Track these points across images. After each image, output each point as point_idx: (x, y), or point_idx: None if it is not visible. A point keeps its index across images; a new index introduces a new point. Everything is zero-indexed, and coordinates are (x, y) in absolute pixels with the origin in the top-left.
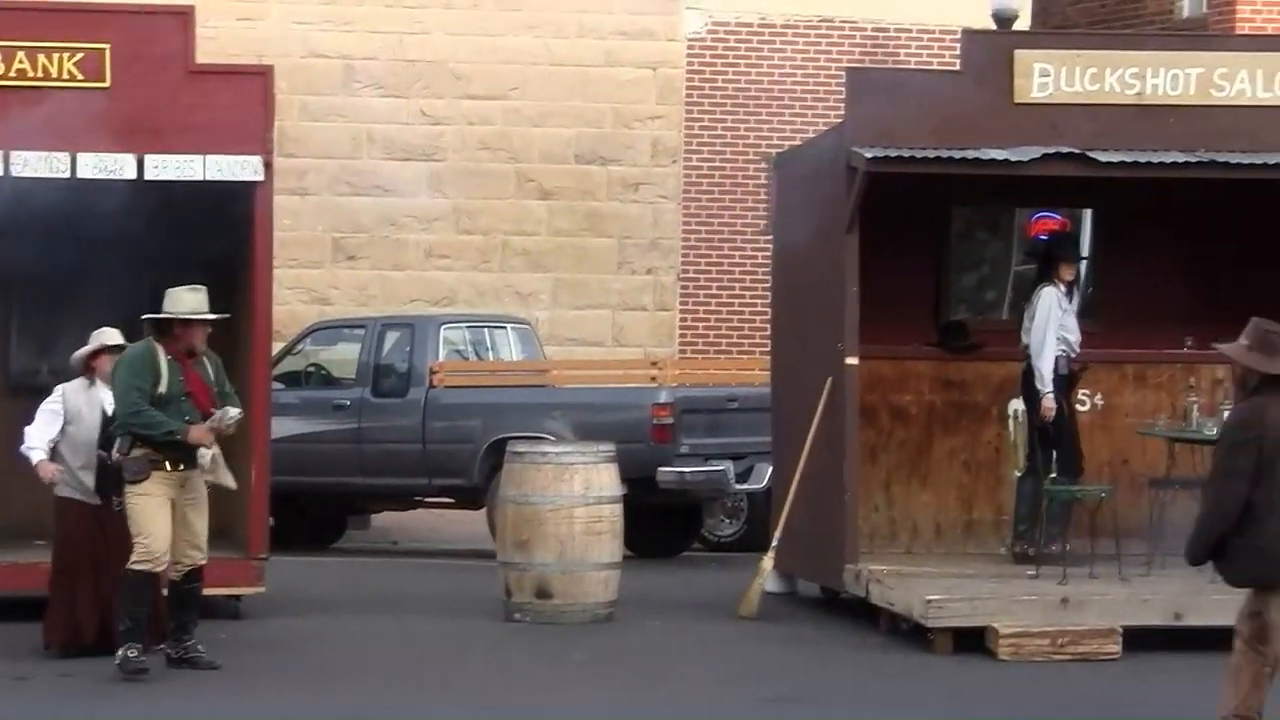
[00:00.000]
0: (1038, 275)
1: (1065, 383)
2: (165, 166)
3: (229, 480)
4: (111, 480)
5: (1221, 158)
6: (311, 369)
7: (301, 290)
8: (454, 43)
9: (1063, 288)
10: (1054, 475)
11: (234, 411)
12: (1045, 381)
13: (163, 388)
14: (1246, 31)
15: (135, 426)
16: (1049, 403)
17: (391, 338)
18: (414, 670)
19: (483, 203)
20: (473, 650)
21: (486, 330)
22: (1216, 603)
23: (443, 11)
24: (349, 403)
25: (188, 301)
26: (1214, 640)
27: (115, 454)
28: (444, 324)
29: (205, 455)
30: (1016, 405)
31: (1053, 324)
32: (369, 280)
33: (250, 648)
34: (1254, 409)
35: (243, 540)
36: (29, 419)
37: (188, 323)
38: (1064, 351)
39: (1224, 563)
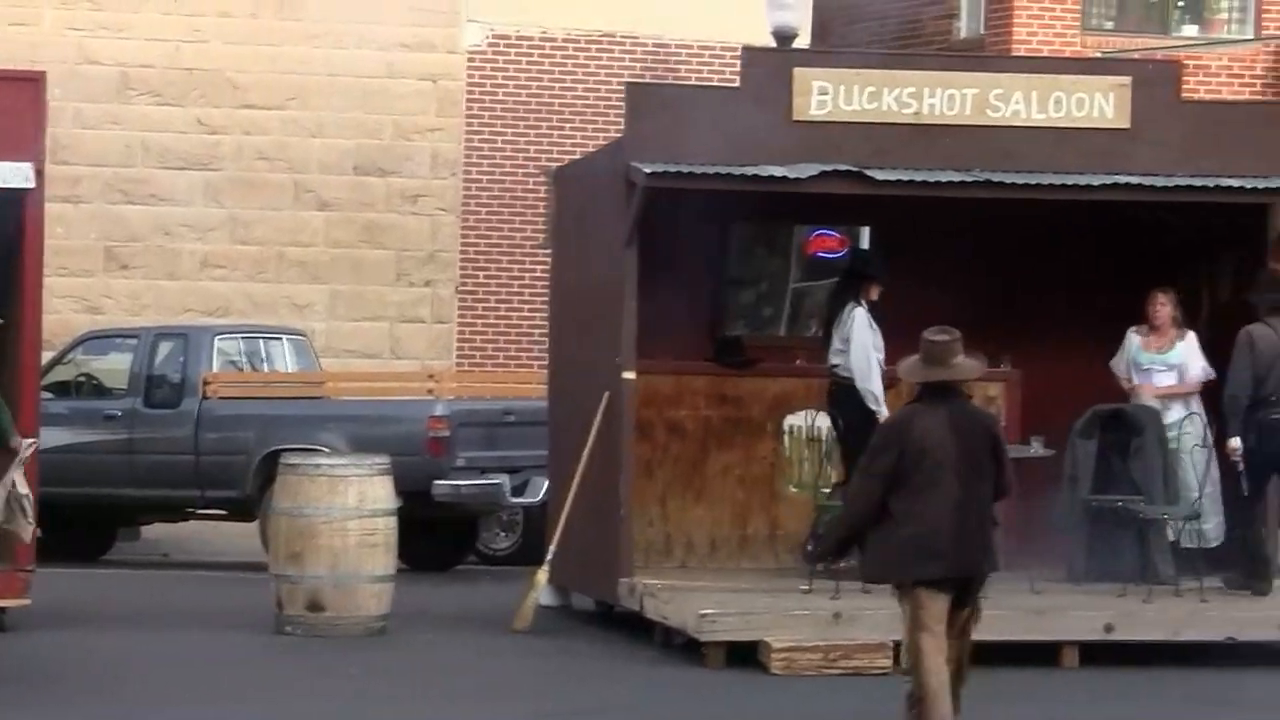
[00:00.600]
0: (840, 293)
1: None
2: None
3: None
4: None
5: (996, 177)
6: (82, 379)
7: (73, 299)
8: (232, 52)
9: (865, 306)
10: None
11: (29, 441)
12: (879, 402)
13: None
14: (1022, 53)
15: None
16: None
17: (164, 348)
18: (183, 684)
19: (259, 213)
20: (243, 663)
21: (261, 341)
22: (985, 617)
23: (220, 20)
24: (120, 413)
25: None
26: (985, 654)
27: None
28: (218, 335)
29: None
30: (792, 421)
31: (870, 346)
32: (142, 290)
33: (15, 661)
34: (901, 417)
35: (8, 552)
36: None
37: None
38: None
39: (861, 558)
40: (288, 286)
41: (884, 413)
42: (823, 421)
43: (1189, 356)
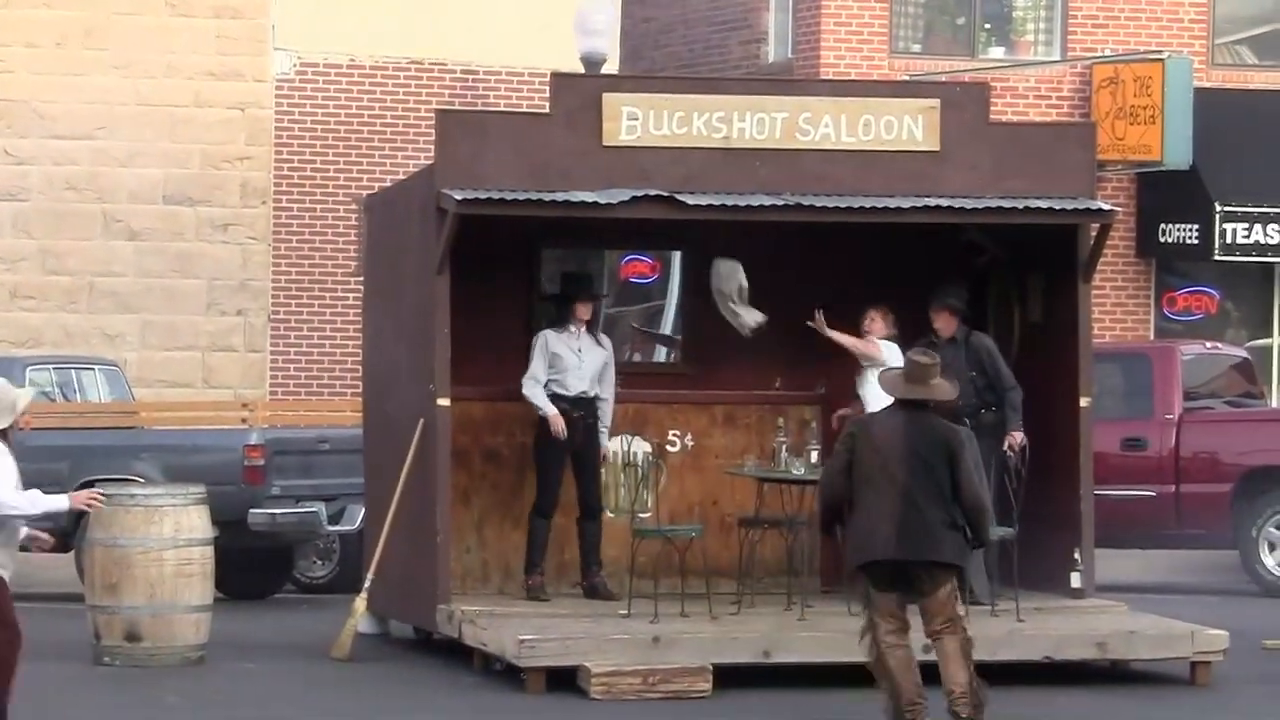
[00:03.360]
0: (555, 316)
1: (572, 423)
2: None
3: None
4: None
5: (807, 200)
6: None
7: None
8: (38, 81)
9: (574, 328)
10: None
11: None
12: (539, 403)
13: None
14: (830, 77)
15: None
16: (554, 421)
17: None
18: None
19: (69, 243)
20: (62, 695)
21: (74, 371)
22: (805, 639)
23: (26, 50)
24: None
25: None
26: (802, 678)
27: None
28: (29, 365)
29: None
30: (608, 446)
31: (538, 367)
32: None
33: None
34: (866, 418)
35: None
36: None
37: None
38: (555, 390)
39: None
40: (99, 317)
41: (550, 410)
42: (639, 446)
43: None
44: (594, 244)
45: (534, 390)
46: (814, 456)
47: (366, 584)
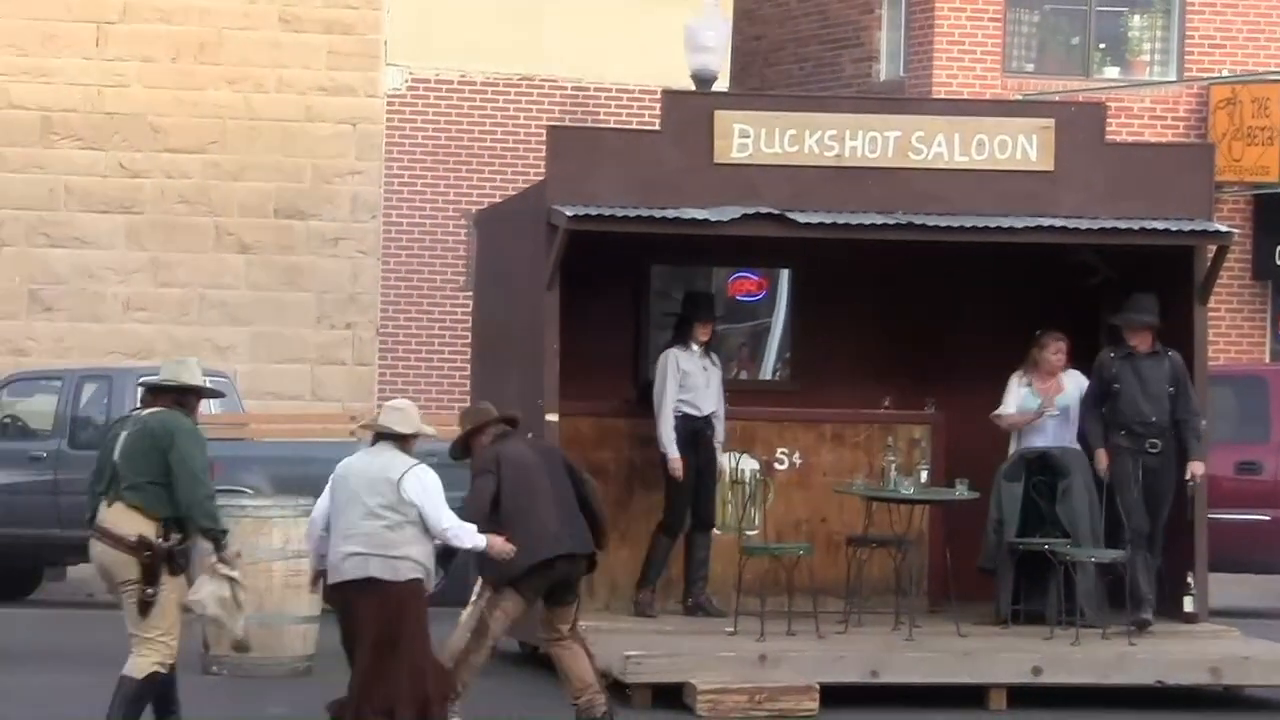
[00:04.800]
0: (673, 336)
1: (692, 440)
2: None
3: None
4: (161, 564)
5: (918, 219)
6: (7, 420)
7: None
8: (153, 95)
9: (696, 348)
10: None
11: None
12: (664, 443)
13: None
14: (943, 95)
15: (211, 514)
16: (674, 468)
17: (89, 389)
18: None
19: (181, 256)
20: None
21: None
22: (912, 660)
23: (141, 65)
24: (45, 454)
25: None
26: (910, 697)
27: (171, 537)
28: (142, 376)
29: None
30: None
31: (666, 391)
32: (66, 332)
33: None
34: (492, 453)
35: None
36: None
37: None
38: (686, 411)
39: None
40: (209, 329)
41: (672, 455)
42: (746, 464)
43: (1076, 397)
44: (703, 261)
45: (666, 428)
46: (923, 476)
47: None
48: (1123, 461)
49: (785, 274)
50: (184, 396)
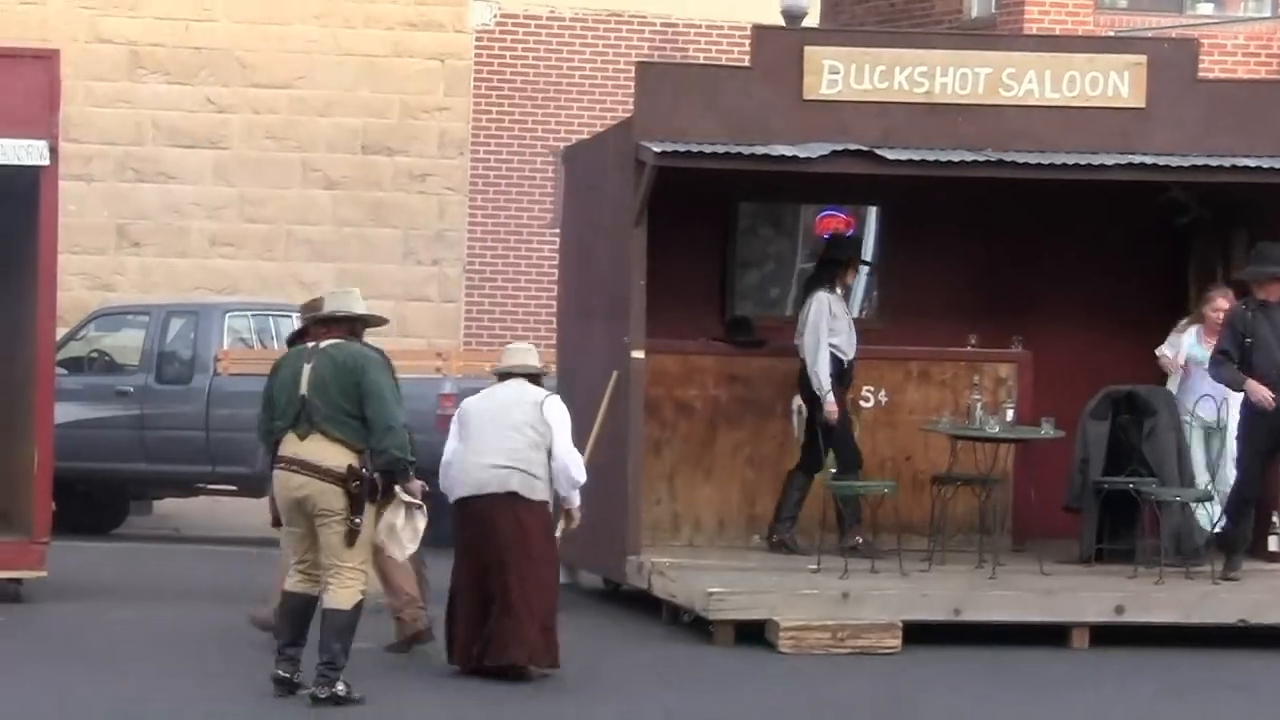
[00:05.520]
0: (814, 279)
1: (837, 383)
2: None
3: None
4: (366, 494)
5: (1008, 157)
6: (95, 355)
7: (85, 276)
8: (240, 31)
9: (840, 291)
10: (834, 472)
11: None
12: (822, 386)
13: None
14: (1034, 32)
15: (403, 444)
16: (831, 406)
17: (176, 325)
18: (194, 658)
19: (268, 191)
20: (253, 639)
21: (271, 319)
22: (996, 598)
23: (228, 0)
24: (132, 389)
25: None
26: (993, 635)
27: (368, 465)
28: (229, 312)
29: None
30: (801, 402)
31: (824, 331)
32: (153, 267)
33: (31, 631)
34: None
35: (25, 524)
36: None
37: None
38: (834, 354)
39: None
40: (296, 265)
41: (829, 398)
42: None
43: None
44: (791, 198)
45: (824, 370)
46: (1009, 414)
47: (557, 533)
48: (1255, 428)
49: (873, 211)
50: (355, 326)
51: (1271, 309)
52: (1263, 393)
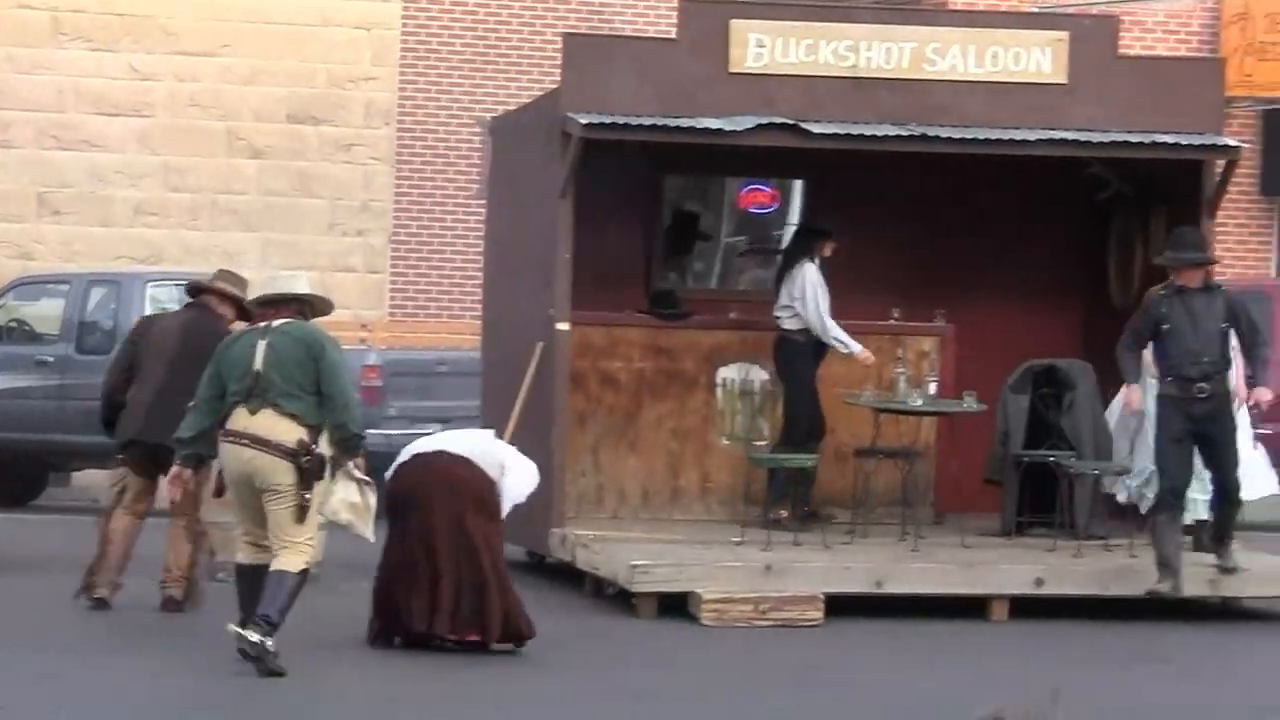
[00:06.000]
0: (793, 250)
1: (818, 351)
2: None
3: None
4: (316, 470)
5: (932, 131)
6: (14, 324)
7: (5, 245)
8: None
9: (818, 262)
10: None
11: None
12: (846, 341)
13: None
14: (959, 7)
15: (360, 420)
16: (865, 352)
17: (97, 294)
18: (113, 631)
19: (192, 160)
20: (174, 611)
21: None
22: (917, 570)
23: None
24: (52, 359)
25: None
26: (914, 607)
27: (318, 441)
28: (150, 281)
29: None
30: (725, 373)
31: (823, 297)
32: (75, 236)
33: None
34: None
35: None
36: None
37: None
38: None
39: None
40: (220, 234)
41: (855, 348)
42: (756, 374)
43: None
44: (717, 171)
45: (836, 328)
46: (932, 388)
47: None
48: (1169, 416)
49: (798, 185)
50: (303, 306)
51: (1189, 295)
52: (1132, 404)
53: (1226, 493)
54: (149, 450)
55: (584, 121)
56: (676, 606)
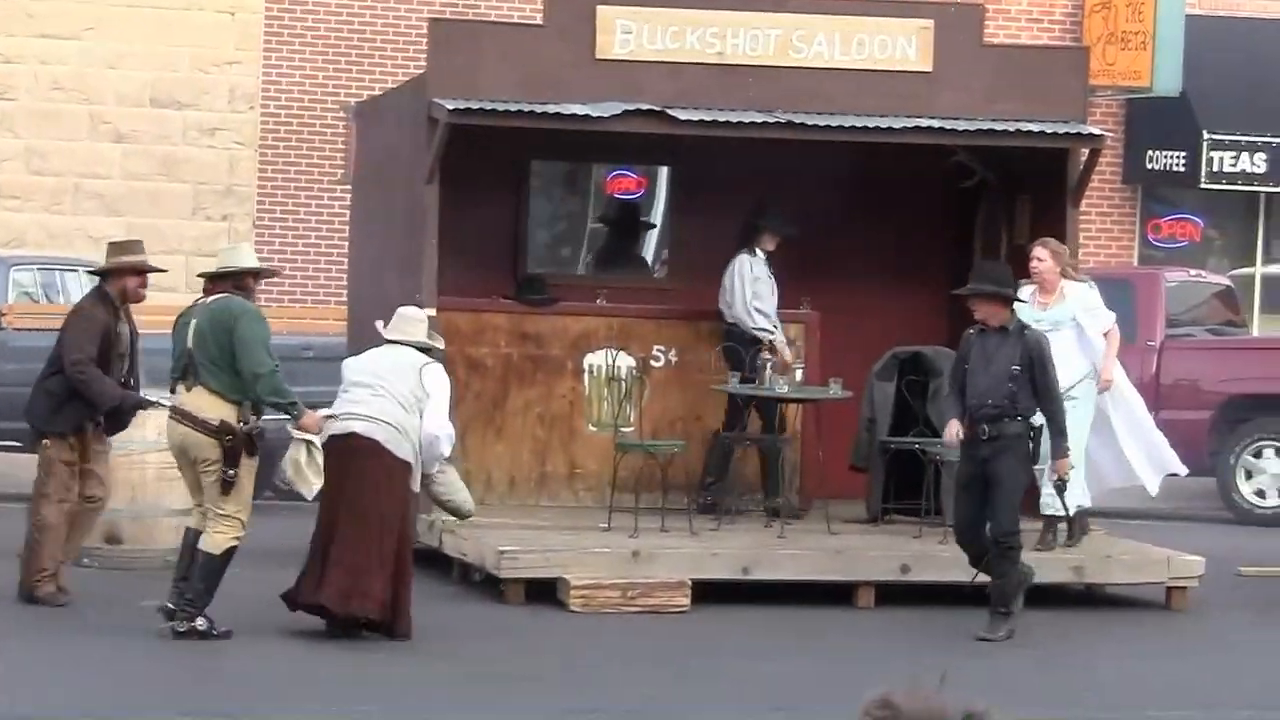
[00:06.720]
0: (740, 243)
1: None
2: None
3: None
4: (241, 447)
5: (799, 118)
6: None
7: None
8: None
9: (761, 255)
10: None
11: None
12: (771, 330)
13: None
14: None
15: (276, 389)
16: (784, 344)
17: None
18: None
19: (55, 144)
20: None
21: (58, 273)
22: (783, 557)
23: None
24: None
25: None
26: (780, 594)
27: (249, 420)
28: (14, 265)
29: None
30: (592, 360)
31: (747, 285)
32: None
33: None
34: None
35: None
36: None
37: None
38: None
39: None
40: (84, 218)
41: (779, 338)
42: (623, 361)
43: (1074, 312)
44: (584, 157)
45: (758, 317)
46: (798, 375)
47: (318, 489)
48: (962, 460)
49: (665, 171)
50: (241, 280)
51: (987, 335)
52: (949, 437)
53: (994, 540)
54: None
55: (450, 107)
56: (545, 592)
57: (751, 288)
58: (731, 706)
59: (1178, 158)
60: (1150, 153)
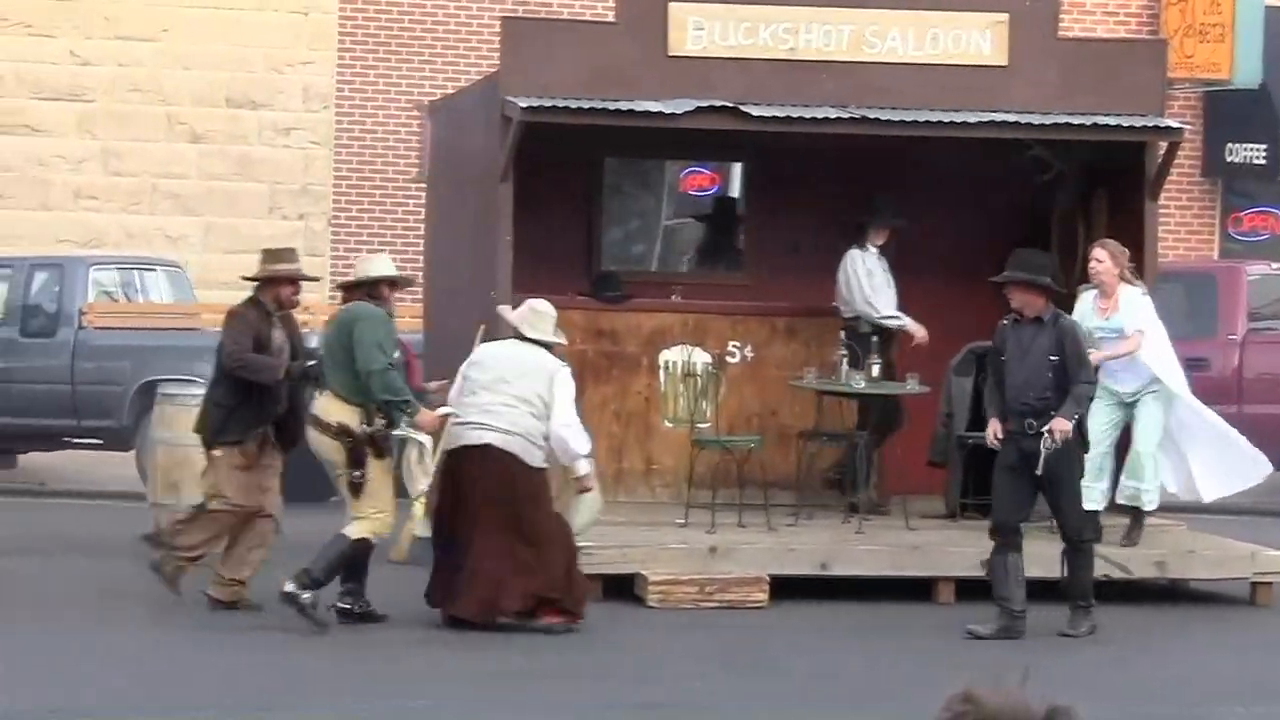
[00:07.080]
0: (849, 242)
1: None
2: None
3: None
4: (363, 449)
5: (872, 114)
6: None
7: None
8: None
9: (873, 250)
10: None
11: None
12: (897, 318)
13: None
14: None
15: (387, 386)
16: (919, 328)
17: (40, 278)
18: (71, 610)
19: (132, 145)
20: (126, 591)
21: (137, 272)
22: (862, 553)
23: None
24: None
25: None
26: (858, 589)
27: (375, 422)
28: (93, 265)
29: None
30: (668, 356)
31: (863, 279)
32: (16, 220)
33: None
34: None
35: None
36: None
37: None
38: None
39: None
40: (161, 218)
41: (907, 323)
42: (698, 357)
43: (1128, 319)
44: (657, 154)
45: (884, 309)
46: (874, 370)
47: (424, 489)
48: (1004, 450)
49: (738, 168)
50: (375, 289)
51: (1021, 326)
52: (990, 435)
53: (1066, 539)
54: None
55: (524, 105)
56: (623, 588)
57: (868, 282)
58: (809, 705)
59: (1258, 151)
60: (1230, 146)
